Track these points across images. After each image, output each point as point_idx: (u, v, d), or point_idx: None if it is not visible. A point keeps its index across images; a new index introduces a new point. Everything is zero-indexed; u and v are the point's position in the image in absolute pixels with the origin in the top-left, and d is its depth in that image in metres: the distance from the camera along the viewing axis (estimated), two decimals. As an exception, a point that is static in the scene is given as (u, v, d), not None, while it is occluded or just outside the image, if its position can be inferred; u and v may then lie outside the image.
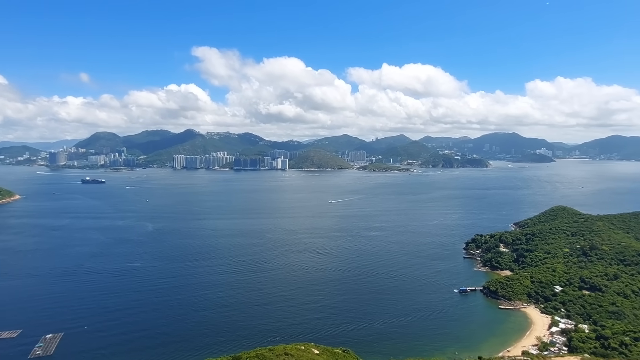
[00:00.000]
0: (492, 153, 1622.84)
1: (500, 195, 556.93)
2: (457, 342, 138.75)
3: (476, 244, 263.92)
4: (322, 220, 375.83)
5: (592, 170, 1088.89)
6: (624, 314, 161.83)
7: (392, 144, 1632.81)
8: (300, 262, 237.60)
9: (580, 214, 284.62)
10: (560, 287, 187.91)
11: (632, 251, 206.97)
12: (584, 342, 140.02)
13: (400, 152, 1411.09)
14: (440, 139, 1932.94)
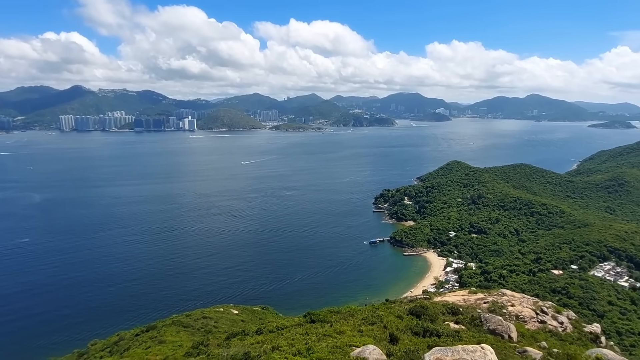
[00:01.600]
0: (398, 112, 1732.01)
1: (405, 152, 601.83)
2: (368, 289, 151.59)
3: (384, 198, 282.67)
4: (235, 182, 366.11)
5: (481, 128, 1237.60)
6: (502, 251, 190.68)
7: (304, 103, 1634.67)
8: (215, 226, 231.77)
9: (471, 168, 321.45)
10: (454, 233, 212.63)
11: (510, 198, 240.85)
12: (471, 278, 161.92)
13: (312, 111, 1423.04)
14: (350, 99, 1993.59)
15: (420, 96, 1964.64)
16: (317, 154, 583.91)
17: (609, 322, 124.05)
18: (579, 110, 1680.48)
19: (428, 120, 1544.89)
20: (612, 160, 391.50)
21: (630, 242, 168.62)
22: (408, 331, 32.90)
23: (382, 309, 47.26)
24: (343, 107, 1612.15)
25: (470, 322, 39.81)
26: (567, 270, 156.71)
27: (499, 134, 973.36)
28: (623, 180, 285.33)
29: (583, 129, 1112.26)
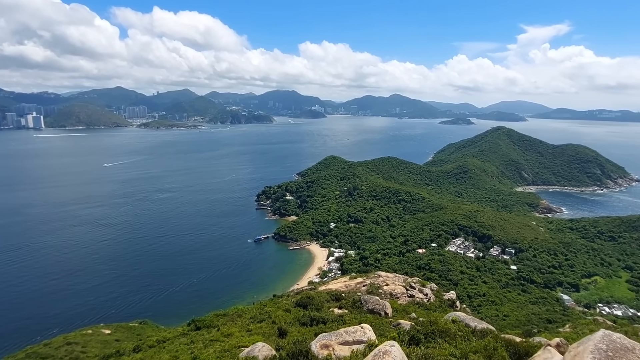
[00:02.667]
0: (276, 109, 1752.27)
1: (284, 149, 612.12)
2: (255, 287, 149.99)
3: (266, 195, 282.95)
4: (98, 187, 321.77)
5: (353, 124, 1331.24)
6: (377, 237, 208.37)
7: (176, 99, 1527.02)
8: (76, 239, 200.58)
9: (346, 162, 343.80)
10: (334, 224, 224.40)
11: (381, 188, 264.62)
12: (351, 264, 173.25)
13: (186, 107, 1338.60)
14: (227, 95, 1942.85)
15: (296, 94, 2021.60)
16: (194, 153, 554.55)
17: (462, 288, 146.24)
18: (431, 109, 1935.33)
19: (305, 117, 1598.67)
20: (458, 151, 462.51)
21: (474, 220, 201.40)
22: (296, 323, 33.30)
23: (270, 305, 47.16)
24: (220, 104, 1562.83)
25: (352, 305, 42.39)
26: (429, 248, 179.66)
27: (369, 130, 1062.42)
28: (467, 169, 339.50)
29: (435, 125, 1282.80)
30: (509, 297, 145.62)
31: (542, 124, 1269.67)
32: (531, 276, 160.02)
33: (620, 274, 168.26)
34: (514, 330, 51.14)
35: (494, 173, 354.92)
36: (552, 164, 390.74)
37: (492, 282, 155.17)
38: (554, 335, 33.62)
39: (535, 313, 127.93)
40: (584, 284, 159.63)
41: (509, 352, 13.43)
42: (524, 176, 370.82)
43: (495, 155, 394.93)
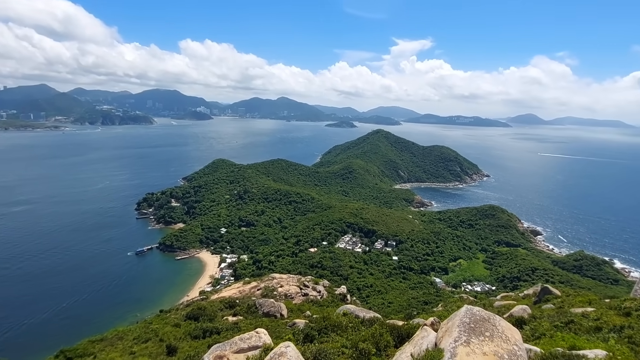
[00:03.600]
0: (156, 110, 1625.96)
1: (168, 152, 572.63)
2: (138, 304, 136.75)
3: (148, 202, 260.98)
4: None
5: (241, 127, 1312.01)
6: (269, 239, 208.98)
7: (31, 95, 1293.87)
8: None
9: (235, 165, 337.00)
10: (225, 229, 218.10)
11: (272, 190, 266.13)
12: (245, 269, 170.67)
13: (44, 105, 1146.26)
14: (96, 92, 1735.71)
15: (179, 94, 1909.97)
16: (56, 158, 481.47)
17: (352, 282, 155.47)
18: (318, 112, 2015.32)
19: (189, 118, 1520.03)
20: (343, 153, 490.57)
21: (360, 217, 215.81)
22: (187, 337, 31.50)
23: (157, 321, 43.67)
24: (87, 102, 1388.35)
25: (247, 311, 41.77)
26: (320, 246, 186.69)
27: (258, 133, 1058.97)
28: (352, 169, 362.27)
29: (322, 128, 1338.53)
30: (393, 285, 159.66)
31: (413, 128, 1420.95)
32: (410, 264, 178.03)
33: (478, 255, 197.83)
34: (397, 315, 56.12)
35: (375, 172, 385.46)
36: (423, 162, 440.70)
37: (378, 273, 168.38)
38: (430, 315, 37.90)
39: (415, 297, 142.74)
40: (451, 267, 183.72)
41: (393, 335, 14.75)
42: (400, 174, 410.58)
43: (376, 155, 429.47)
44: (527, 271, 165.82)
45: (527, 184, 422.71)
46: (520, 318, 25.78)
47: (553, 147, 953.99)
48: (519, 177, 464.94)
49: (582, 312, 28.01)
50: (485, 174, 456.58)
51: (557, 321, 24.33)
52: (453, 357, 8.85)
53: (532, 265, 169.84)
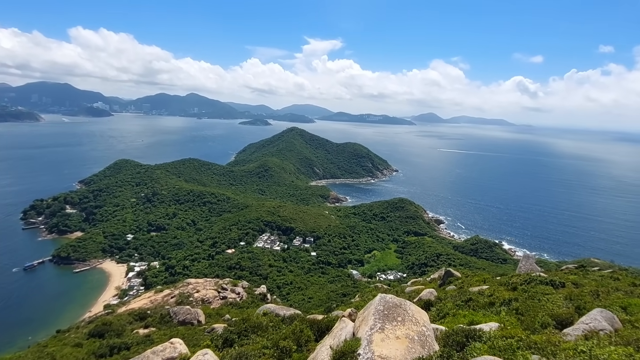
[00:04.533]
0: (44, 105, 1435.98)
1: (59, 153, 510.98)
2: (30, 325, 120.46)
3: (37, 210, 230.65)
4: None
5: (147, 124, 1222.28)
6: (183, 243, 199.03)
7: None
8: None
9: (142, 165, 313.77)
10: (132, 235, 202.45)
11: (184, 191, 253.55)
12: (156, 277, 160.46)
13: None
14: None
15: (71, 87, 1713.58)
16: None
17: (272, 280, 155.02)
18: (230, 109, 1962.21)
19: (85, 115, 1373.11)
20: (258, 151, 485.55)
21: (277, 215, 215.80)
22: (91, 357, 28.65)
23: (53, 343, 38.98)
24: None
25: (161, 321, 39.30)
26: (238, 247, 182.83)
27: (166, 131, 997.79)
28: (267, 167, 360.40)
29: (235, 126, 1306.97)
30: (312, 280, 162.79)
31: (327, 125, 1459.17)
32: (328, 259, 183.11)
33: (390, 246, 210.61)
34: (317, 309, 57.41)
35: (291, 170, 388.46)
36: (337, 159, 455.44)
37: (297, 270, 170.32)
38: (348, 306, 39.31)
39: (334, 290, 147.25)
40: (367, 259, 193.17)
41: (313, 330, 15.05)
42: (316, 171, 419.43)
43: (291, 153, 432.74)
44: (433, 257, 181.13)
45: (430, 177, 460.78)
46: (428, 301, 28.01)
47: (451, 143, 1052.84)
48: (423, 171, 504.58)
49: (479, 290, 31.40)
50: (395, 169, 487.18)
51: (458, 300, 27.00)
52: (369, 344, 9.33)
53: (437, 252, 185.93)
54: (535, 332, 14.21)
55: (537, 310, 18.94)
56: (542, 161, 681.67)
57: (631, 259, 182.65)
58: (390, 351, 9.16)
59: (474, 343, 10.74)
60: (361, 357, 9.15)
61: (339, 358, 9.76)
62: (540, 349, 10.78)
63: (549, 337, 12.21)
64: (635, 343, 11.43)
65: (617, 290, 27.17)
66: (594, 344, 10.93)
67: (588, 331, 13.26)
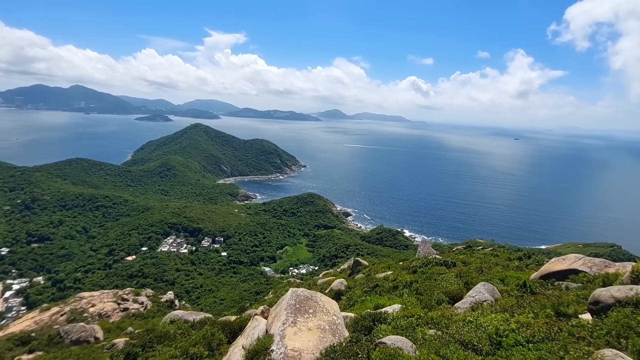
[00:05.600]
0: None
1: None
2: None
3: None
4: None
5: (21, 120, 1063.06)
6: (73, 254, 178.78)
7: None
8: None
9: (16, 168, 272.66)
10: (7, 248, 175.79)
11: (71, 195, 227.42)
12: (41, 294, 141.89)
13: None
14: None
15: None
16: None
17: (180, 285, 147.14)
18: (124, 104, 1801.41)
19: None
20: (159, 149, 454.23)
21: (184, 216, 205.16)
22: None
23: None
24: None
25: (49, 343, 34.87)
26: (140, 253, 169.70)
27: (46, 128, 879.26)
28: (170, 166, 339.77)
29: (131, 122, 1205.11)
30: (224, 281, 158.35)
31: (233, 122, 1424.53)
32: (239, 258, 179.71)
33: (301, 240, 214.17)
34: (230, 310, 56.17)
35: (197, 168, 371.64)
36: (245, 156, 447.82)
37: (207, 272, 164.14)
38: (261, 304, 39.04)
39: (246, 289, 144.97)
40: (279, 255, 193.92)
41: (225, 332, 14.72)
42: (223, 169, 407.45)
43: (196, 151, 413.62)
44: (342, 248, 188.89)
45: (337, 172, 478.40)
46: (338, 291, 29.16)
47: (355, 138, 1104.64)
48: (330, 166, 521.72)
49: (384, 276, 33.63)
50: (303, 165, 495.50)
51: (366, 287, 28.64)
52: (282, 340, 9.45)
53: (346, 243, 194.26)
54: (432, 309, 15.73)
55: (434, 289, 20.95)
56: (435, 154, 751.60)
57: (507, 238, 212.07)
58: (302, 343, 9.39)
59: (380, 325, 11.52)
60: (274, 353, 9.22)
61: (252, 357, 9.71)
62: (436, 323, 11.97)
63: (443, 312, 13.61)
64: (511, 309, 13.32)
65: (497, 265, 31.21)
66: (478, 314, 12.47)
67: (474, 303, 15.07)
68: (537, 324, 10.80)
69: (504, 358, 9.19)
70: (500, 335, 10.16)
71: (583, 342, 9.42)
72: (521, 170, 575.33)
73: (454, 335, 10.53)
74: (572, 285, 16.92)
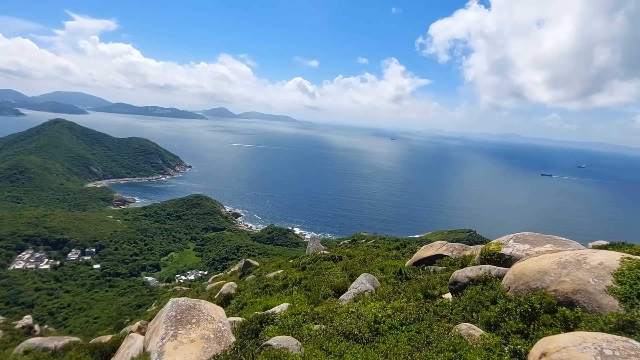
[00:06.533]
0: None
1: None
2: None
3: None
4: None
5: None
6: None
7: None
8: None
9: None
10: None
11: None
12: None
13: None
14: None
15: None
16: None
17: (41, 307, 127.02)
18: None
19: None
20: (7, 148, 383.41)
21: (43, 226, 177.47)
22: None
23: None
24: None
25: None
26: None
27: None
28: (24, 168, 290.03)
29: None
30: (97, 297, 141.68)
31: (104, 118, 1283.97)
32: (116, 269, 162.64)
33: (188, 245, 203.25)
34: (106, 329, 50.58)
35: (59, 171, 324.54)
36: (120, 157, 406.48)
37: (77, 289, 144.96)
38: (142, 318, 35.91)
39: (126, 303, 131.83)
40: (163, 262, 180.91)
41: (95, 356, 13.09)
42: (93, 171, 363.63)
43: (57, 150, 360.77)
44: (233, 250, 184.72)
45: (226, 172, 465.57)
46: (228, 295, 28.40)
47: (244, 138, 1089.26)
48: (218, 166, 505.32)
49: (274, 275, 33.82)
50: (188, 165, 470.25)
51: (256, 288, 28.43)
52: (160, 356, 8.75)
53: (236, 245, 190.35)
54: (319, 304, 16.30)
55: (321, 284, 21.76)
56: (322, 153, 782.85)
57: (387, 230, 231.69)
58: (184, 357, 8.84)
59: (268, 327, 11.49)
60: (152, 372, 8.47)
61: (127, 380, 8.78)
62: (321, 318, 12.42)
63: (328, 305, 14.20)
64: (388, 296, 14.51)
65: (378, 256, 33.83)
66: (360, 304, 13.31)
67: (357, 294, 16.06)
68: (408, 308, 11.96)
69: (380, 343, 9.95)
70: (378, 322, 10.99)
71: (445, 319, 10.71)
72: (398, 168, 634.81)
73: (337, 328, 11.03)
74: (438, 268, 19.20)
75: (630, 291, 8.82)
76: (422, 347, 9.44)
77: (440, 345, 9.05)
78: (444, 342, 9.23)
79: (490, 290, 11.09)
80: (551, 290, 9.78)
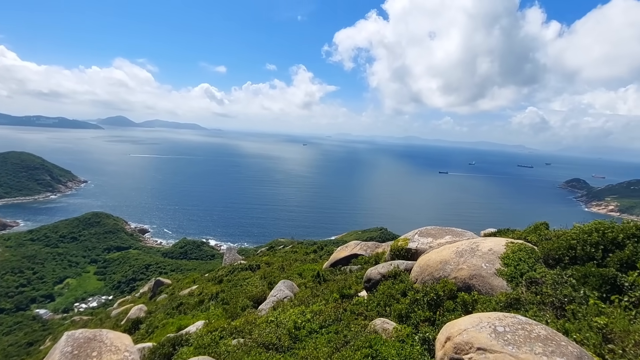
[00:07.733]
0: None
1: None
2: None
3: None
4: None
5: None
6: None
7: None
8: None
9: None
10: None
11: None
12: None
13: None
14: None
15: None
16: None
17: None
18: None
19: None
20: None
21: None
22: None
23: None
24: None
25: None
26: None
27: None
28: None
29: None
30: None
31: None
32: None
33: (88, 268, 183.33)
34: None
35: None
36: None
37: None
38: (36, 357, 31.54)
39: (13, 343, 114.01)
40: (58, 291, 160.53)
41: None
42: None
43: None
44: (142, 269, 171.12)
45: (128, 185, 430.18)
46: (137, 319, 26.30)
47: (147, 148, 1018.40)
48: (120, 179, 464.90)
49: (189, 292, 32.10)
50: (83, 180, 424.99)
51: (169, 308, 26.69)
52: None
53: (145, 263, 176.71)
54: (237, 317, 15.81)
55: (239, 295, 21.17)
56: (234, 161, 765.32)
57: (305, 235, 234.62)
58: (84, 397, 7.88)
59: (181, 349, 10.81)
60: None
61: None
62: (240, 331, 12.05)
63: (247, 317, 13.85)
64: (307, 300, 14.63)
65: (296, 261, 34.02)
66: (279, 311, 13.20)
67: (276, 302, 15.93)
68: (327, 310, 12.19)
69: (300, 349, 9.97)
70: (298, 328, 11.01)
71: (361, 317, 11.12)
72: (311, 172, 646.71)
73: (256, 340, 10.81)
74: (354, 268, 19.90)
75: (514, 272, 10.11)
76: (340, 347, 9.67)
77: (357, 343, 9.37)
78: (360, 339, 9.56)
79: (400, 283, 11.81)
80: (452, 278, 10.75)
